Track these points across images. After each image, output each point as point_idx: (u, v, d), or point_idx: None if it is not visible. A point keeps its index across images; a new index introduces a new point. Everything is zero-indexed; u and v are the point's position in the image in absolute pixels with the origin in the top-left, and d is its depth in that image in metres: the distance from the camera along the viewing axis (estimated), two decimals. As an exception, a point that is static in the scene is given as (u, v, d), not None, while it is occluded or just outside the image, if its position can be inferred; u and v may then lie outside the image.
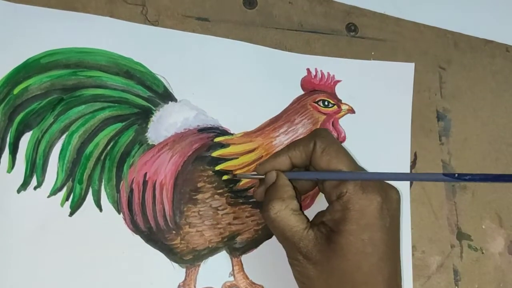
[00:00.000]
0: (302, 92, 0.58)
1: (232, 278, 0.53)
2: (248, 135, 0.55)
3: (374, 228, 0.41)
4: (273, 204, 0.43)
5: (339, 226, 0.41)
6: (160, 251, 0.51)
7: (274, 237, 0.54)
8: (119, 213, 0.51)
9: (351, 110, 0.58)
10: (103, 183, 0.52)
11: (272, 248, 0.54)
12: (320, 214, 0.46)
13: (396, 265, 0.43)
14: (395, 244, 0.43)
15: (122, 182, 0.52)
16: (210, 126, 0.55)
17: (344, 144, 0.57)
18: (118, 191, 0.52)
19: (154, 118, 0.54)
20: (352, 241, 0.41)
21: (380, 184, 0.43)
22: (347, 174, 0.43)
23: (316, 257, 0.42)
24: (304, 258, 0.43)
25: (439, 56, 0.66)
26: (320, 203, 0.55)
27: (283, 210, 0.43)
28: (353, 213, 0.41)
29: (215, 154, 0.54)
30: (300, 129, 0.55)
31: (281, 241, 0.45)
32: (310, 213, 0.55)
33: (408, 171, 0.59)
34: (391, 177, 0.46)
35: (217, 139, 0.54)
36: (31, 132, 0.52)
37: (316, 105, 0.56)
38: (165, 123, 0.54)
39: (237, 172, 0.53)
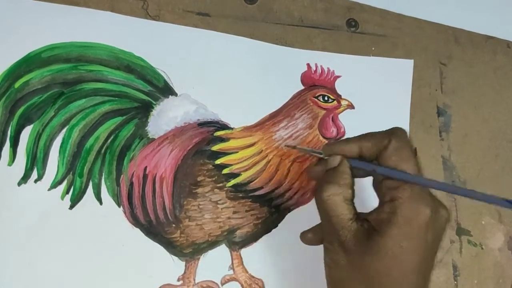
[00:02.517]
0: (302, 87, 0.58)
1: (231, 272, 0.53)
2: (248, 130, 0.56)
3: (415, 239, 0.41)
4: (329, 187, 0.43)
5: (382, 227, 0.41)
6: (160, 244, 0.52)
7: (273, 231, 0.54)
8: (119, 206, 0.52)
9: (351, 106, 0.58)
10: (103, 177, 0.52)
11: (271, 242, 0.54)
12: (367, 212, 0.45)
13: (425, 281, 0.43)
14: (430, 261, 0.43)
15: (122, 176, 0.52)
16: (210, 120, 0.56)
17: (344, 139, 0.58)
18: (118, 184, 0.52)
19: (154, 112, 0.54)
20: (391, 245, 0.40)
21: (433, 200, 0.42)
22: (409, 177, 0.42)
23: (351, 248, 0.42)
24: (339, 246, 0.42)
25: (440, 52, 0.66)
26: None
27: (337, 196, 0.43)
28: (399, 218, 0.41)
29: (215, 148, 0.54)
30: (300, 123, 0.55)
31: (324, 223, 0.45)
32: (310, 209, 0.55)
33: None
34: (454, 190, 0.45)
35: (217, 133, 0.55)
36: (32, 125, 0.52)
37: (316, 100, 0.56)
38: (165, 117, 0.54)
39: (297, 146, 0.52)
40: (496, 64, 0.67)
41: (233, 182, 0.53)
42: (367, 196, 0.47)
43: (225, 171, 0.53)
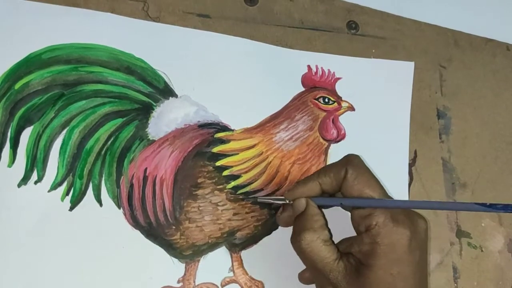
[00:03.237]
0: (303, 89, 0.58)
1: (231, 274, 0.53)
2: (249, 131, 0.56)
3: (403, 263, 0.41)
4: (305, 235, 0.43)
5: (368, 260, 0.41)
6: (160, 246, 0.52)
7: (273, 233, 0.54)
8: (119, 208, 0.52)
9: (351, 108, 0.58)
10: (103, 178, 0.52)
11: (271, 244, 0.54)
12: (347, 243, 0.45)
13: None
14: (424, 277, 0.43)
15: (122, 177, 0.52)
16: (211, 122, 0.55)
17: (344, 142, 0.58)
18: (118, 186, 0.52)
19: (154, 113, 0.54)
20: (382, 276, 0.40)
21: (408, 215, 0.43)
22: (375, 201, 0.43)
23: (345, 287, 0.42)
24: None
25: (440, 54, 0.66)
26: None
27: (315, 241, 0.42)
28: (382, 247, 0.41)
29: (215, 150, 0.54)
30: (301, 125, 0.55)
31: (311, 270, 0.45)
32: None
33: (407, 169, 0.59)
34: (421, 206, 0.45)
35: (218, 135, 0.55)
36: (32, 127, 0.52)
37: (316, 102, 0.56)
38: (165, 119, 0.54)
39: (259, 197, 0.52)
40: (495, 66, 0.67)
41: (233, 184, 0.53)
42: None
43: (225, 173, 0.53)
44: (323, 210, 0.46)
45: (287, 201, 0.47)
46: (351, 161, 0.44)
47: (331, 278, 0.42)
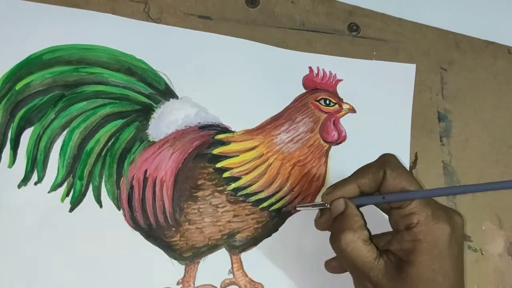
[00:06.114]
0: (304, 91, 0.58)
1: (231, 276, 0.53)
2: (249, 133, 0.56)
3: (444, 258, 0.41)
4: (344, 236, 0.43)
5: (410, 257, 0.42)
6: (160, 247, 0.52)
7: (273, 235, 0.54)
8: (119, 210, 0.52)
9: (352, 110, 0.58)
10: (103, 179, 0.52)
11: (271, 246, 0.54)
12: (383, 240, 0.45)
13: (462, 286, 0.43)
14: (461, 271, 0.43)
15: (122, 179, 0.52)
16: (211, 123, 0.55)
17: (345, 144, 0.57)
18: (118, 187, 0.52)
19: (155, 115, 0.54)
20: (423, 272, 0.41)
21: (446, 211, 0.43)
22: (422, 193, 0.43)
23: (386, 285, 0.42)
24: (373, 287, 0.43)
25: (441, 57, 0.66)
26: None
27: (355, 242, 0.43)
28: (425, 244, 0.41)
29: (215, 151, 0.54)
30: (301, 127, 0.55)
31: (350, 270, 0.45)
32: (310, 213, 0.55)
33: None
34: (462, 190, 0.46)
35: (218, 137, 0.55)
36: (32, 128, 0.52)
37: (317, 103, 0.56)
38: (166, 120, 0.54)
39: (298, 205, 0.52)
40: (496, 69, 0.67)
41: (233, 185, 0.53)
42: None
43: (225, 174, 0.53)
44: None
45: (327, 205, 0.47)
46: (389, 162, 0.45)
47: (372, 277, 0.42)
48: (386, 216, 0.46)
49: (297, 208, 0.52)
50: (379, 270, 0.42)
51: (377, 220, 0.48)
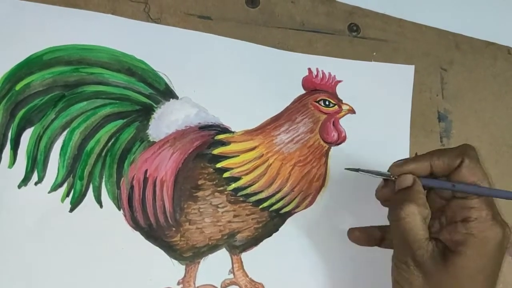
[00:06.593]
0: (303, 92, 0.58)
1: (231, 276, 0.53)
2: (249, 133, 0.56)
3: (490, 259, 0.42)
4: (408, 206, 0.43)
5: (459, 248, 0.42)
6: (160, 247, 0.52)
7: (274, 235, 0.54)
8: (119, 210, 0.52)
9: (352, 110, 0.58)
10: (103, 180, 0.52)
11: (272, 246, 0.54)
12: (432, 227, 0.45)
13: None
14: (497, 278, 0.44)
15: (122, 179, 0.52)
16: (211, 123, 0.55)
17: (345, 144, 0.58)
18: (118, 187, 0.52)
19: (155, 115, 0.54)
20: (468, 265, 0.41)
21: (503, 219, 0.44)
22: (494, 191, 0.43)
23: (428, 268, 0.42)
24: (415, 266, 0.43)
25: (441, 57, 0.66)
26: (318, 203, 0.56)
27: (416, 215, 0.43)
28: (477, 240, 0.42)
29: (216, 151, 0.54)
30: (301, 128, 0.55)
31: (398, 243, 0.45)
32: (310, 213, 0.55)
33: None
34: None
35: (218, 137, 0.55)
36: (32, 128, 0.52)
37: (317, 104, 0.56)
38: (166, 120, 0.54)
39: (361, 169, 0.49)
40: (496, 69, 0.67)
41: (233, 185, 0.53)
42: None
43: (225, 174, 0.53)
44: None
45: (392, 178, 0.46)
46: (469, 152, 0.44)
47: (417, 255, 0.42)
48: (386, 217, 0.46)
49: (360, 172, 0.49)
50: (426, 251, 0.42)
51: (377, 219, 0.48)
